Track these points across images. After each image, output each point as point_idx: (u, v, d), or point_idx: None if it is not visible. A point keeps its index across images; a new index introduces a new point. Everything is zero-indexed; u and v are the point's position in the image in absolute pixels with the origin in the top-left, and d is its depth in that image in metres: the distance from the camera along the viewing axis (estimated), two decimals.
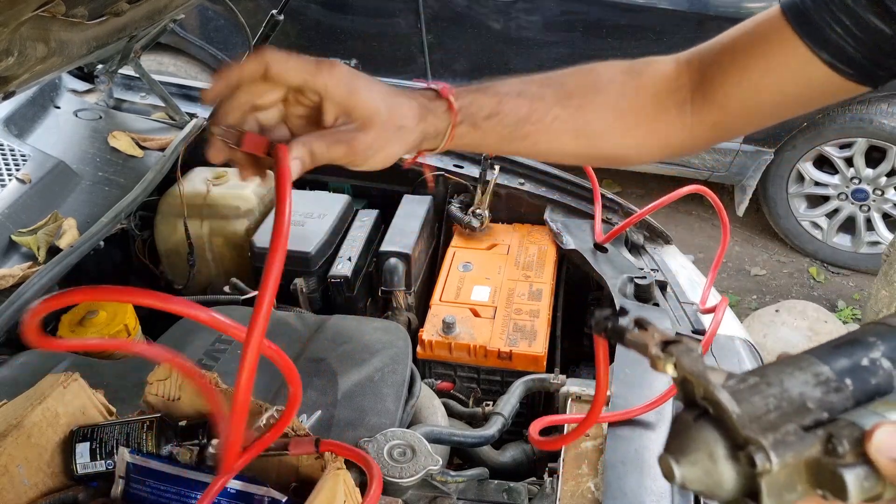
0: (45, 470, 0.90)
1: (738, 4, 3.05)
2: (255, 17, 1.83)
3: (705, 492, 0.47)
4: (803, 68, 0.77)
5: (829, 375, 0.46)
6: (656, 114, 0.85)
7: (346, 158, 0.68)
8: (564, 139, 0.82)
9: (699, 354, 0.47)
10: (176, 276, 1.72)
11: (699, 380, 0.46)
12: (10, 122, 1.69)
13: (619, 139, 0.85)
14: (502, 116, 0.77)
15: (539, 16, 3.22)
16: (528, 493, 1.14)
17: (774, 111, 0.83)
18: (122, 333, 1.37)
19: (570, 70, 0.85)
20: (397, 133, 0.70)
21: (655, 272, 1.51)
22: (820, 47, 0.75)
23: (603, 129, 0.84)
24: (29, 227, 1.43)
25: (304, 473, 0.90)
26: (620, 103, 0.84)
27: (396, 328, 1.36)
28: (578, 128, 0.82)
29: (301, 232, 1.59)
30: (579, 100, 0.82)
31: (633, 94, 0.85)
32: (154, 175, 1.65)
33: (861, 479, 0.43)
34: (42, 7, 0.82)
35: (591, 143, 0.85)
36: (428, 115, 0.73)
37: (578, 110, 0.82)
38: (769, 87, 0.80)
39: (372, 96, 0.68)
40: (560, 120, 0.81)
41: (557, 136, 0.82)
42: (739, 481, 0.46)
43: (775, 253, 3.62)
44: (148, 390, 0.98)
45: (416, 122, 0.72)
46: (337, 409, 1.15)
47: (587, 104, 0.83)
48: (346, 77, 0.67)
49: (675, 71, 0.86)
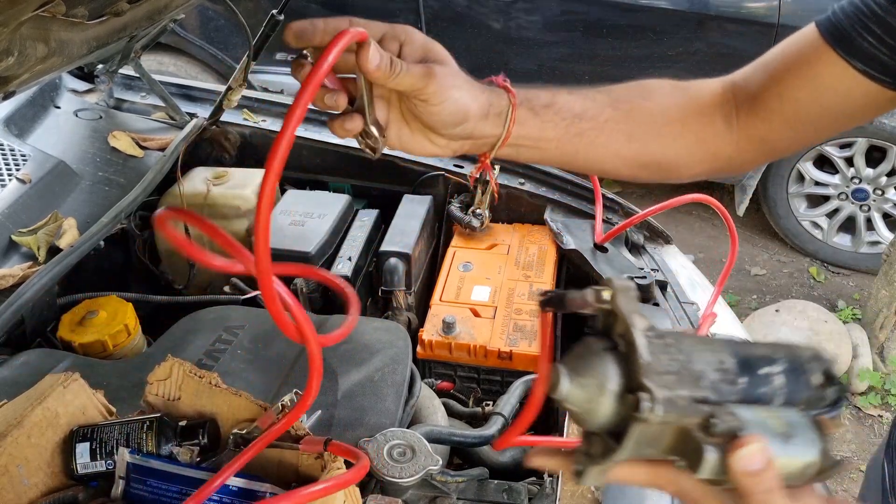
0: (45, 470, 0.90)
1: (738, 4, 3.05)
2: (255, 17, 1.83)
3: (578, 414, 0.51)
4: (839, 79, 0.79)
5: (730, 367, 0.51)
6: (703, 125, 0.86)
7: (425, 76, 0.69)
8: (619, 140, 0.83)
9: (635, 297, 0.51)
10: (176, 276, 1.72)
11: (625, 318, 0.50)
12: (10, 122, 1.69)
13: (670, 144, 0.86)
14: (558, 108, 0.79)
15: (539, 16, 3.22)
16: (528, 493, 1.14)
17: (818, 125, 0.84)
18: (123, 333, 1.37)
19: (619, 84, 0.87)
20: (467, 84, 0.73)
21: (655, 272, 1.51)
22: (853, 56, 0.77)
23: (654, 133, 0.85)
24: (29, 227, 1.43)
25: (303, 473, 0.90)
26: (669, 111, 0.86)
27: (396, 328, 1.36)
28: (631, 130, 0.84)
29: (301, 232, 1.59)
30: (629, 104, 0.84)
31: (680, 103, 0.87)
32: (154, 175, 1.65)
33: (716, 463, 0.47)
34: (42, 7, 0.82)
35: (643, 148, 0.85)
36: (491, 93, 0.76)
37: (629, 113, 0.84)
38: (808, 101, 0.82)
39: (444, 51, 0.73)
40: (613, 121, 0.82)
41: (612, 136, 0.83)
42: (614, 419, 0.50)
43: (775, 253, 3.62)
44: (148, 390, 0.98)
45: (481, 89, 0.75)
46: (337, 409, 1.15)
47: (637, 108, 0.84)
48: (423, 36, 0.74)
49: (721, 88, 0.88)
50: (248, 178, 1.73)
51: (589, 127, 0.81)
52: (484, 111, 0.75)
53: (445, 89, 0.70)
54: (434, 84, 0.69)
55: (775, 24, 3.00)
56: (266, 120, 1.95)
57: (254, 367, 1.23)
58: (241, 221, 1.67)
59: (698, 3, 3.08)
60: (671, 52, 3.18)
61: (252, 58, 1.72)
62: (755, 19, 3.05)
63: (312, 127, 1.94)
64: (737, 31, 3.07)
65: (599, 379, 0.49)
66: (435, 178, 1.81)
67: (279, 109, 1.98)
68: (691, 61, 3.17)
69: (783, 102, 0.83)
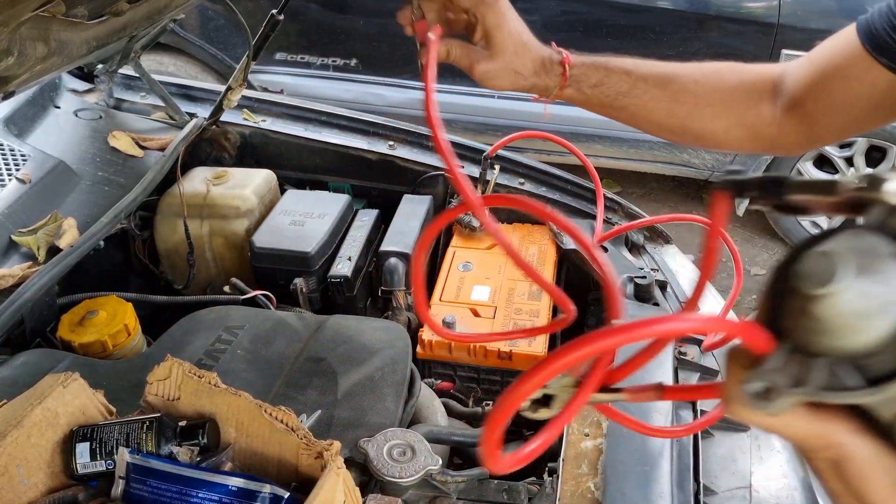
0: (45, 470, 0.90)
1: (738, 4, 3.05)
2: (255, 17, 1.83)
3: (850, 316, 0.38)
4: (868, 75, 0.84)
5: None
6: (747, 107, 0.94)
7: (468, 70, 0.89)
8: (659, 115, 0.95)
9: None
10: (176, 276, 1.72)
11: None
12: (10, 122, 1.69)
13: (708, 122, 0.95)
14: (605, 87, 0.92)
15: (539, 16, 3.22)
16: (528, 493, 1.14)
17: (854, 119, 0.89)
18: (123, 333, 1.37)
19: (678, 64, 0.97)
20: (512, 75, 0.89)
21: (655, 272, 1.51)
22: (880, 53, 0.82)
23: (694, 113, 0.95)
24: (29, 227, 1.43)
25: (303, 473, 0.90)
26: (715, 94, 0.94)
27: (396, 328, 1.36)
28: (671, 108, 0.94)
29: (301, 232, 1.59)
30: (677, 85, 0.94)
31: (729, 85, 0.95)
32: (154, 175, 1.65)
33: None
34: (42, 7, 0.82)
35: (681, 123, 0.96)
36: (543, 73, 0.90)
37: (675, 94, 0.94)
38: (842, 95, 0.87)
39: (509, 38, 0.87)
40: (656, 99, 0.94)
41: (653, 111, 0.95)
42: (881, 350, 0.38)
43: (775, 253, 3.62)
44: (148, 390, 0.98)
45: (531, 74, 0.90)
46: (337, 409, 1.15)
47: (682, 90, 0.94)
48: (499, 12, 0.86)
49: (773, 75, 0.96)
50: (248, 179, 1.73)
51: (630, 103, 0.93)
52: (527, 89, 0.91)
53: (484, 79, 0.89)
54: (474, 74, 0.88)
55: (775, 24, 3.00)
56: (266, 120, 1.95)
57: (253, 367, 1.23)
58: (240, 221, 1.67)
59: (698, 3, 3.08)
60: (671, 52, 3.18)
61: (252, 58, 1.72)
62: (755, 19, 3.04)
63: (312, 127, 1.94)
64: (737, 31, 3.07)
65: (891, 292, 0.37)
66: (435, 178, 1.81)
67: (279, 109, 1.98)
68: (691, 61, 3.17)
69: (821, 95, 0.89)
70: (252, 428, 0.93)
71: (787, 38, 3.01)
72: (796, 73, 0.93)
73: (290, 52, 3.52)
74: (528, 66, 0.89)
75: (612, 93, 0.93)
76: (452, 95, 3.49)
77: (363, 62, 3.55)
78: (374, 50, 3.49)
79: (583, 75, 0.92)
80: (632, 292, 1.43)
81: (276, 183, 1.81)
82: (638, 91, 0.93)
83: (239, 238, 1.66)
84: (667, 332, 0.47)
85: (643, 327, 0.41)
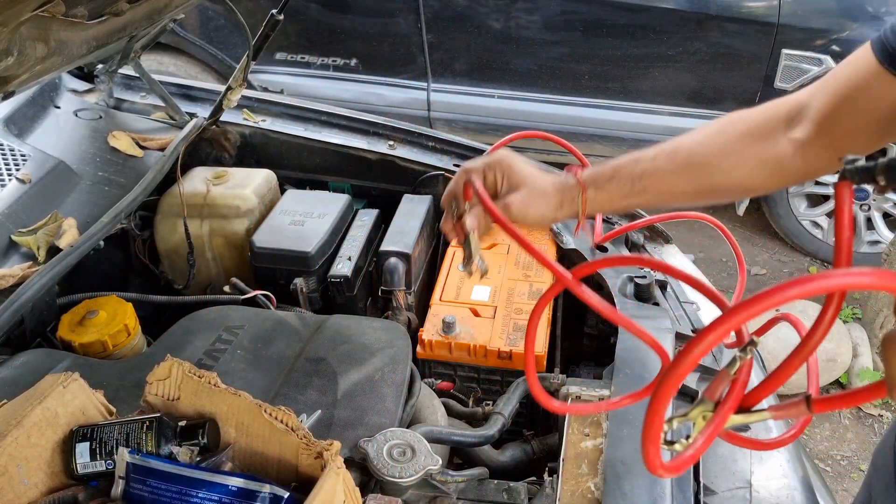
0: (45, 470, 0.90)
1: (738, 4, 3.05)
2: (255, 16, 1.83)
3: None
4: (890, 93, 0.84)
5: None
6: (764, 147, 0.95)
7: (506, 213, 0.97)
8: (680, 184, 0.98)
9: None
10: (176, 276, 1.72)
11: None
12: (10, 122, 1.69)
13: (730, 173, 0.96)
14: (619, 178, 0.98)
15: (539, 15, 3.22)
16: (528, 493, 1.14)
17: (882, 137, 0.89)
18: (123, 333, 1.37)
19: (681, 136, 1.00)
20: (541, 196, 0.98)
21: (655, 272, 1.50)
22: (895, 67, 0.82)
23: (712, 170, 0.96)
24: (29, 227, 1.43)
25: (303, 473, 0.90)
26: (725, 146, 0.96)
27: (396, 328, 1.36)
28: (689, 173, 0.97)
29: (301, 232, 1.59)
30: (686, 152, 0.98)
31: (738, 134, 0.97)
32: (154, 175, 1.65)
33: None
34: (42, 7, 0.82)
35: (705, 183, 0.97)
36: (563, 188, 0.99)
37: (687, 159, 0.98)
38: (866, 113, 0.88)
39: (526, 170, 0.99)
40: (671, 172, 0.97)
41: (673, 183, 0.98)
42: None
43: (775, 252, 3.62)
44: (148, 390, 0.98)
45: (555, 191, 0.98)
46: (337, 409, 1.15)
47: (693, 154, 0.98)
48: (511, 158, 0.99)
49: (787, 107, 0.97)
50: (248, 178, 1.73)
51: (650, 182, 0.97)
52: (557, 207, 0.99)
53: (522, 213, 0.98)
54: (511, 214, 0.97)
55: (775, 23, 3.00)
56: (266, 120, 1.95)
57: (253, 367, 1.23)
58: (240, 221, 1.67)
59: (698, 3, 3.08)
60: (671, 52, 3.18)
61: (252, 58, 1.72)
62: (755, 19, 3.04)
63: (312, 127, 1.94)
64: (737, 30, 3.07)
65: None
66: (435, 178, 1.81)
67: (279, 109, 1.98)
68: (691, 61, 3.17)
69: (843, 119, 0.89)
70: (252, 428, 0.93)
71: (788, 38, 3.01)
72: (814, 99, 0.93)
73: (290, 52, 3.53)
74: (549, 185, 0.99)
75: (627, 180, 0.98)
76: (452, 95, 3.49)
77: (363, 62, 3.55)
78: (374, 50, 3.49)
79: (594, 175, 0.99)
80: (632, 292, 1.43)
81: (276, 183, 1.81)
82: (650, 170, 0.97)
83: (239, 238, 1.66)
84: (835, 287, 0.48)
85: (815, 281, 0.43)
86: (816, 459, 2.64)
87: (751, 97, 3.12)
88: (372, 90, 3.54)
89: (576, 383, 1.24)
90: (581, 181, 0.98)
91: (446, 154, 1.86)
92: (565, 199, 0.99)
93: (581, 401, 1.22)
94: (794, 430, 0.95)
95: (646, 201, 1.00)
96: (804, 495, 1.10)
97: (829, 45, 2.99)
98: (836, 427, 2.78)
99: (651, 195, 0.98)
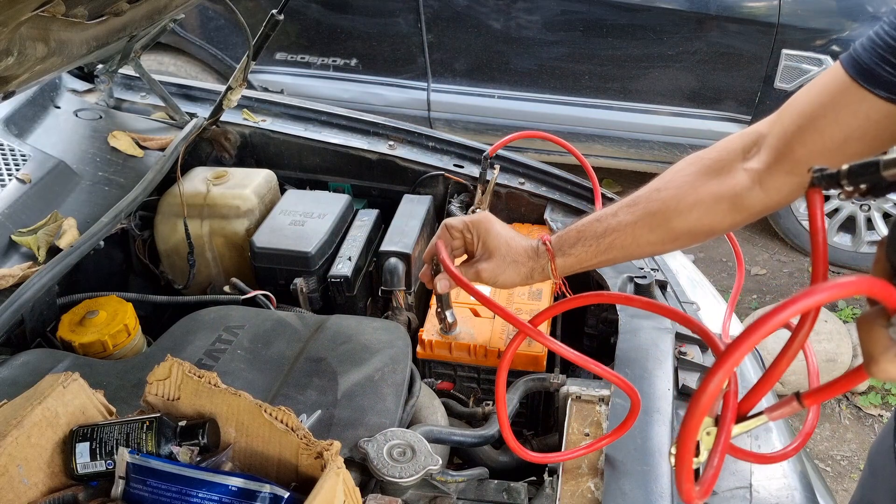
0: (45, 470, 0.90)
1: (738, 4, 3.05)
2: (255, 17, 1.83)
3: None
4: (861, 109, 0.84)
5: None
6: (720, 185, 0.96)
7: (476, 278, 1.06)
8: (643, 234, 1.00)
9: None
10: (176, 276, 1.72)
11: None
12: (10, 122, 1.69)
13: (689, 216, 0.97)
14: (583, 240, 1.03)
15: (539, 15, 3.22)
16: (528, 492, 1.14)
17: (851, 155, 0.88)
18: (123, 333, 1.37)
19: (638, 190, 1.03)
20: (512, 265, 1.06)
21: (655, 272, 1.51)
22: (875, 86, 0.82)
23: (671, 215, 0.98)
24: (29, 227, 1.43)
25: (303, 473, 0.90)
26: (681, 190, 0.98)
27: (396, 328, 1.36)
28: (650, 222, 0.99)
29: (301, 232, 1.59)
30: (644, 202, 1.00)
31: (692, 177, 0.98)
32: (154, 175, 1.65)
33: None
34: (42, 7, 0.82)
35: (667, 230, 0.99)
36: (535, 255, 1.06)
37: (645, 209, 1.00)
38: (839, 132, 0.87)
39: (498, 240, 1.06)
40: (632, 224, 1.00)
41: (636, 235, 1.00)
42: None
43: (775, 252, 3.62)
44: (148, 390, 0.98)
45: (526, 259, 1.06)
46: (337, 409, 1.15)
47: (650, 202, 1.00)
48: (485, 226, 1.07)
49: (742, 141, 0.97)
50: (248, 178, 1.73)
51: (614, 238, 1.01)
52: (528, 276, 1.06)
53: (492, 280, 1.07)
54: (482, 280, 1.06)
55: (775, 23, 3.00)
56: (266, 120, 1.95)
57: (253, 367, 1.23)
58: (240, 221, 1.67)
59: (698, 3, 3.08)
60: (671, 52, 3.18)
61: (252, 58, 1.72)
62: (755, 19, 3.04)
63: (312, 127, 1.94)
64: (737, 30, 3.07)
65: None
66: (435, 178, 1.81)
67: (279, 109, 1.99)
68: (691, 61, 3.17)
69: (810, 139, 0.88)
70: (252, 428, 0.93)
71: (788, 38, 3.01)
72: (775, 126, 0.93)
73: (290, 52, 3.53)
74: (521, 254, 1.05)
75: (592, 240, 1.02)
76: (452, 95, 3.49)
77: (363, 62, 3.55)
78: (374, 50, 3.49)
79: (561, 241, 1.05)
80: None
81: (276, 183, 1.81)
82: (612, 227, 1.01)
83: (239, 238, 1.66)
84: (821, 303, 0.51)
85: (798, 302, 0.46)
86: (816, 459, 2.64)
87: (751, 97, 3.12)
88: (372, 90, 3.54)
89: (576, 383, 1.24)
90: (550, 250, 1.04)
91: (446, 154, 1.86)
92: (535, 268, 1.06)
93: (581, 400, 1.22)
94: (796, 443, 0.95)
95: (614, 257, 1.04)
96: (804, 495, 1.10)
97: (829, 45, 2.99)
98: (836, 427, 2.78)
99: (618, 250, 1.02)
